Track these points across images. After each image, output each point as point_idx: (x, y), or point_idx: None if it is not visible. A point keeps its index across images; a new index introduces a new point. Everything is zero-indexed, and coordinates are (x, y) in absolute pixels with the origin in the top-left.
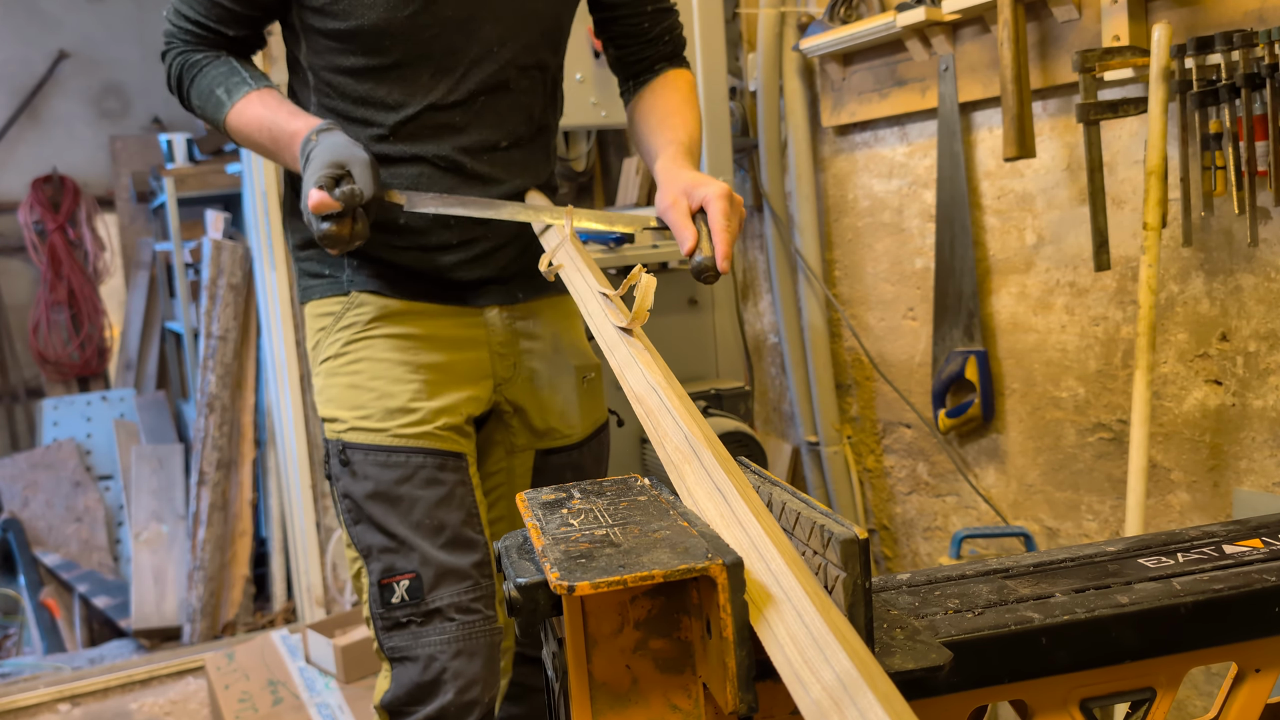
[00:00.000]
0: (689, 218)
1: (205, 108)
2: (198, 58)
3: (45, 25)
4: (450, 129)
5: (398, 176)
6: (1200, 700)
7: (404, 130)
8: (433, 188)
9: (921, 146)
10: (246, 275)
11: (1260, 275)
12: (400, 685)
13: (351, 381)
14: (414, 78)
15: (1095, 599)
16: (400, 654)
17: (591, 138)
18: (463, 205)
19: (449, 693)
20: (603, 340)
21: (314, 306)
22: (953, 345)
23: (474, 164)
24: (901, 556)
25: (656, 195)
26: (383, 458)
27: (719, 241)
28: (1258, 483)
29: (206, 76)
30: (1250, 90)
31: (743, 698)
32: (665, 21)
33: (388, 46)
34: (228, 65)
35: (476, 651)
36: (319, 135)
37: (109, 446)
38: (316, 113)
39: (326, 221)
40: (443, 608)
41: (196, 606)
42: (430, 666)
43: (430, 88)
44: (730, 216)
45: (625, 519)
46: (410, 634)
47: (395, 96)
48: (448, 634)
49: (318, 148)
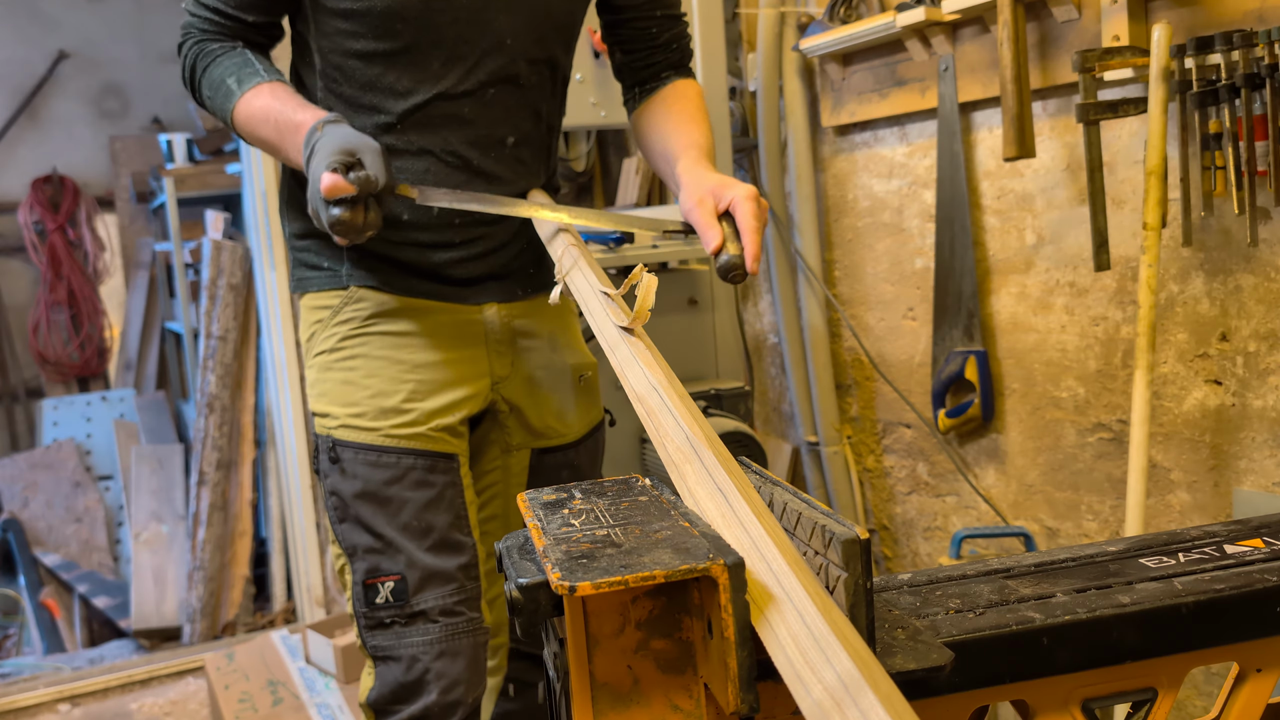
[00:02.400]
0: (715, 217)
1: (214, 98)
2: (213, 47)
3: (45, 25)
4: (458, 120)
5: (404, 171)
6: (1201, 700)
7: (412, 119)
8: (440, 184)
9: (921, 146)
10: (246, 275)
11: (1260, 275)
12: (384, 684)
13: (346, 378)
14: (424, 64)
15: (1096, 599)
16: (383, 653)
17: (591, 138)
18: (476, 201)
19: (432, 693)
20: (604, 339)
21: (310, 299)
22: (952, 345)
23: (481, 160)
24: (901, 556)
25: (681, 195)
26: (373, 457)
27: (748, 243)
28: (1258, 483)
29: (220, 66)
30: (1250, 90)
31: (744, 698)
32: (674, 29)
33: (399, 30)
34: (242, 56)
35: (460, 652)
36: (326, 126)
37: (109, 447)
38: (323, 98)
39: (338, 207)
40: (427, 610)
41: (196, 607)
42: (413, 667)
43: (440, 75)
44: (758, 218)
45: (626, 519)
46: (394, 634)
47: (404, 83)
48: (430, 635)
49: (324, 138)
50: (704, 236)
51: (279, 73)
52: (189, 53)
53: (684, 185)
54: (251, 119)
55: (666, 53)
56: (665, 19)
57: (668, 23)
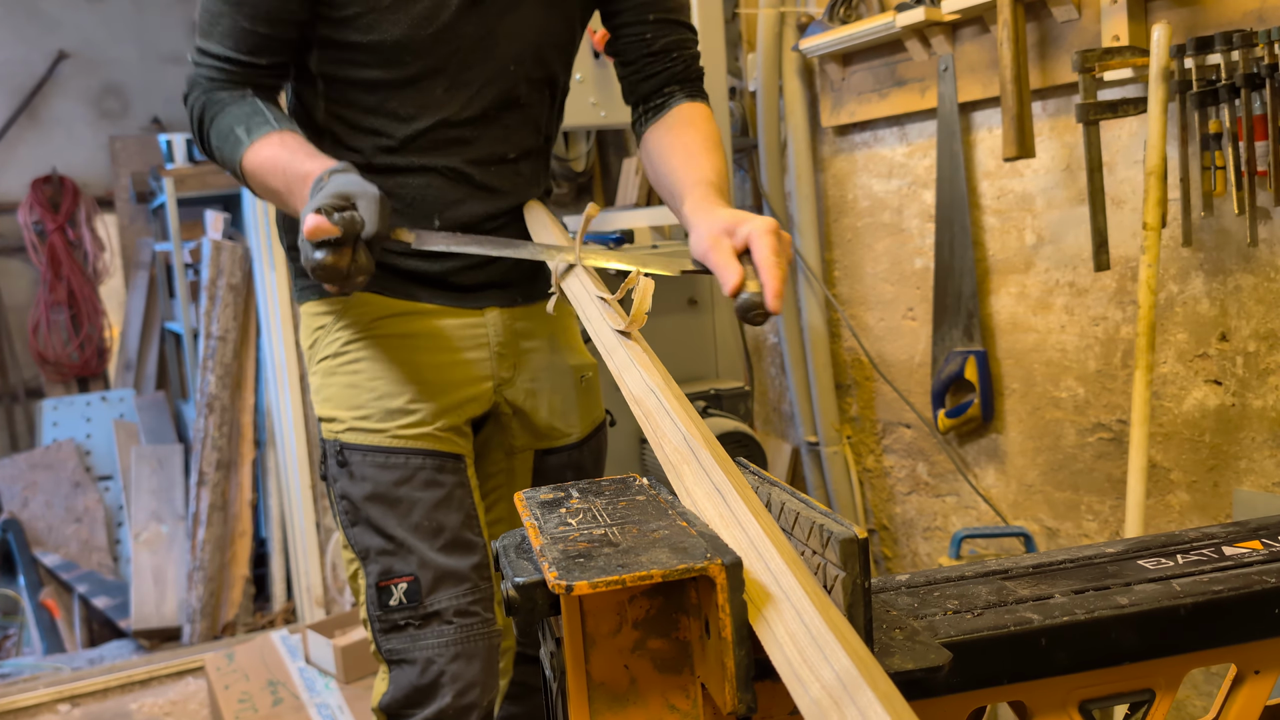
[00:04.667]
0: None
1: (223, 148)
2: (222, 95)
3: (45, 25)
4: (460, 142)
5: (405, 186)
6: (1200, 701)
7: (414, 144)
8: (440, 197)
9: (921, 146)
10: (246, 275)
11: (1260, 275)
12: (399, 688)
13: (350, 381)
14: (429, 90)
15: (1095, 600)
16: (398, 656)
17: (591, 138)
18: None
19: (447, 696)
20: (601, 344)
21: (312, 306)
22: (952, 345)
23: (482, 175)
24: (901, 556)
25: (692, 238)
26: (381, 459)
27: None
28: (1257, 483)
29: (229, 115)
30: (1250, 90)
31: (741, 698)
32: (671, 35)
33: (407, 61)
34: (252, 105)
35: (475, 654)
36: (332, 175)
37: (109, 447)
38: (324, 120)
39: (321, 250)
40: (441, 610)
41: (196, 607)
42: (428, 669)
43: (444, 102)
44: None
45: (624, 518)
46: (408, 637)
47: (408, 109)
48: (446, 637)
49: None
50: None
51: (290, 121)
52: (196, 103)
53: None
54: (260, 169)
55: (666, 63)
56: (660, 23)
57: (664, 27)
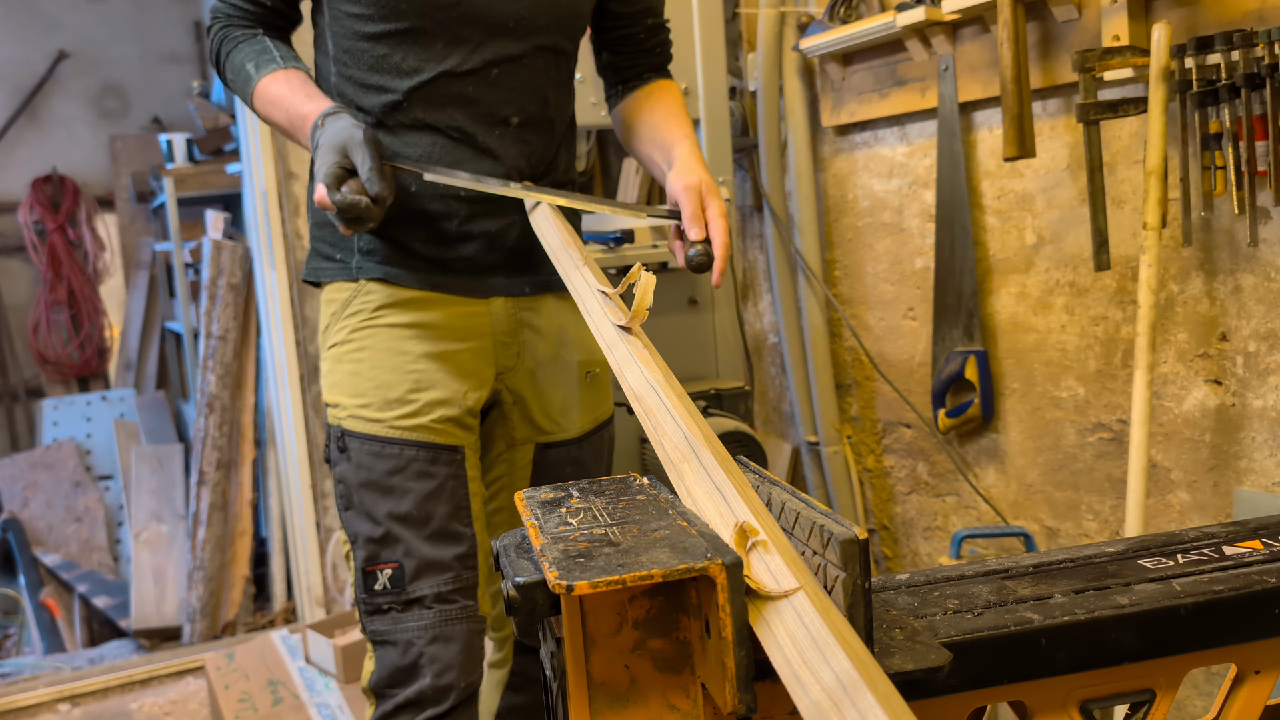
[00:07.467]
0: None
1: (236, 82)
2: (236, 33)
3: (45, 25)
4: (463, 99)
5: (410, 145)
6: (1200, 701)
7: (418, 96)
8: (444, 159)
9: (921, 146)
10: (246, 275)
11: (1260, 275)
12: (383, 667)
13: (354, 369)
14: (429, 44)
15: (1095, 600)
16: (381, 637)
17: (591, 138)
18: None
19: (426, 676)
20: (601, 339)
21: (326, 291)
22: (952, 345)
23: (485, 137)
24: (901, 556)
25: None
26: (377, 448)
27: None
28: (1258, 483)
29: (241, 52)
30: (1250, 90)
31: (741, 698)
32: (660, 36)
33: (404, 10)
34: (261, 43)
35: (453, 638)
36: (325, 120)
37: (109, 446)
38: (336, 82)
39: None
40: (422, 597)
41: (196, 606)
42: (408, 651)
43: (444, 55)
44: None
45: (624, 518)
46: (390, 619)
47: (410, 62)
48: (425, 621)
49: (324, 134)
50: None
51: (296, 58)
52: (215, 37)
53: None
54: (267, 105)
55: (650, 56)
56: (653, 28)
57: (655, 30)
